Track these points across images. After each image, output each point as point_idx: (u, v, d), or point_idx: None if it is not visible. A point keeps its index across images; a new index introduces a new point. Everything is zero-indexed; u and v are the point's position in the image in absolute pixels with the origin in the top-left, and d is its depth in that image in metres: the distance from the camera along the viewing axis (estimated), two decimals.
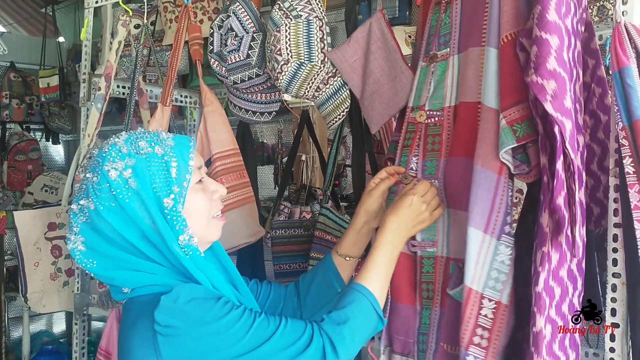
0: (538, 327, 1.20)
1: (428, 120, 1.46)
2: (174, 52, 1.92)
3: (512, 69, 1.26)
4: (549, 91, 1.14)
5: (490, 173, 1.27)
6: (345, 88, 1.69)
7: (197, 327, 1.08)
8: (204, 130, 1.87)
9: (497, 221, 1.28)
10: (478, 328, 1.27)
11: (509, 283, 1.28)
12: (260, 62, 1.75)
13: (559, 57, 1.16)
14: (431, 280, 1.44)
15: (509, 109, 1.25)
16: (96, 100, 2.00)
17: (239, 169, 1.87)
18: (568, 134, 1.14)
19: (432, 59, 1.48)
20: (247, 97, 1.86)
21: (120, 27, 2.06)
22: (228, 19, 1.77)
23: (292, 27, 1.63)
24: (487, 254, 1.28)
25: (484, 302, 1.27)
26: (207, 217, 1.22)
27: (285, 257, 2.35)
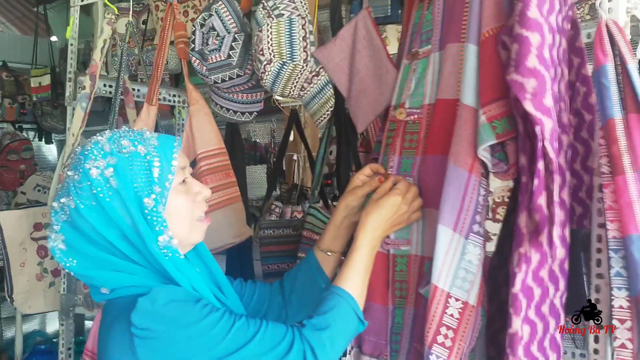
0: (514, 329, 1.19)
1: (408, 118, 1.44)
2: (159, 51, 1.90)
3: (492, 65, 1.24)
4: (529, 89, 1.12)
5: (461, 170, 1.25)
6: (329, 87, 1.68)
7: (174, 330, 1.07)
8: (189, 130, 1.85)
9: (466, 220, 1.25)
10: (442, 327, 1.25)
11: (477, 283, 1.26)
12: (242, 63, 1.74)
13: (539, 54, 1.14)
14: (404, 279, 1.41)
15: (489, 105, 1.22)
16: (81, 99, 1.98)
17: (225, 169, 1.86)
18: (548, 133, 1.13)
19: (414, 56, 1.47)
20: (229, 96, 1.84)
21: (105, 25, 2.04)
22: (210, 18, 1.75)
23: (274, 26, 1.61)
24: (456, 252, 1.25)
25: (450, 301, 1.25)
26: (190, 218, 1.20)
27: (274, 257, 2.34)
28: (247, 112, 1.93)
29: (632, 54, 1.25)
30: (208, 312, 1.09)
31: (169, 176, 1.14)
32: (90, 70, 1.99)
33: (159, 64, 1.91)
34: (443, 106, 1.36)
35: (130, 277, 1.14)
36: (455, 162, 1.26)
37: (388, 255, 1.43)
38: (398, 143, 1.44)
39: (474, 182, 1.26)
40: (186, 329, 1.07)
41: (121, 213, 1.10)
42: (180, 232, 1.18)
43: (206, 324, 1.08)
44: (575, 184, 1.41)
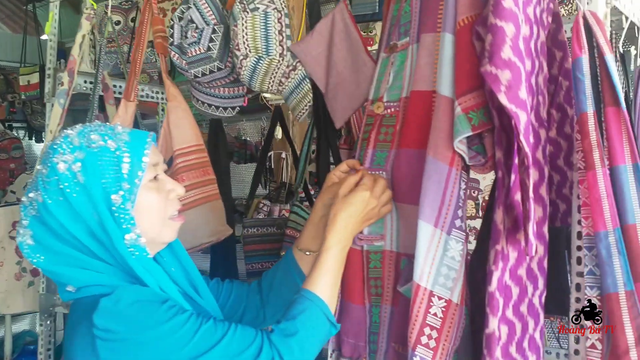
0: (491, 329, 1.15)
1: (385, 112, 1.40)
2: (136, 46, 1.86)
3: (468, 54, 1.20)
4: (503, 82, 1.08)
5: (441, 164, 1.21)
6: (307, 81, 1.64)
7: (137, 332, 1.04)
8: (166, 126, 1.82)
9: (448, 215, 1.22)
10: (426, 327, 1.21)
11: (460, 281, 1.23)
12: (222, 56, 1.70)
13: (514, 46, 1.11)
14: (379, 276, 1.38)
15: (465, 95, 1.19)
16: (59, 96, 1.94)
17: (203, 166, 1.82)
18: (523, 126, 1.09)
19: (392, 49, 1.43)
20: (210, 91, 1.81)
21: (84, 20, 2.00)
22: (188, 10, 1.71)
23: (249, 20, 1.58)
24: (437, 249, 1.22)
25: (433, 300, 1.21)
26: (161, 216, 1.17)
27: (257, 257, 2.31)
28: (229, 107, 1.90)
29: (609, 46, 1.21)
30: (174, 314, 1.06)
31: (139, 172, 1.11)
32: (69, 66, 1.96)
33: (137, 59, 1.87)
34: (418, 98, 1.32)
35: (97, 275, 1.11)
36: (435, 155, 1.23)
37: (362, 252, 1.40)
38: (373, 136, 1.40)
39: (455, 175, 1.22)
40: (149, 331, 1.04)
41: (88, 209, 1.07)
42: (151, 230, 1.15)
43: (171, 327, 1.04)
44: (559, 180, 1.38)
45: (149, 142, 1.15)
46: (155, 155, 1.18)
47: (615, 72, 1.20)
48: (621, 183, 1.20)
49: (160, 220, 1.17)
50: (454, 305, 1.22)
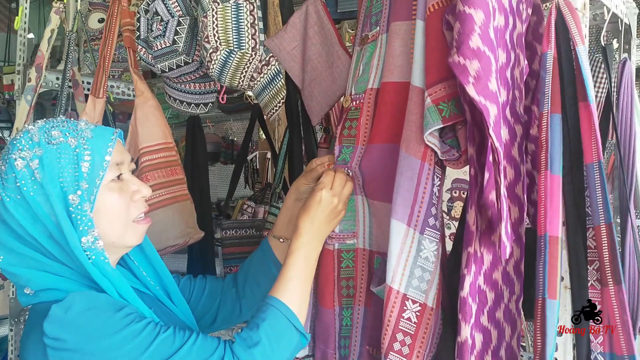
0: (463, 337, 1.08)
1: (351, 104, 1.33)
2: (104, 40, 1.79)
3: (437, 42, 1.13)
4: (472, 72, 1.01)
5: (413, 159, 1.14)
6: (280, 77, 1.57)
7: (88, 341, 0.98)
8: (134, 123, 1.74)
9: (421, 213, 1.14)
10: (399, 333, 1.14)
11: (435, 283, 1.15)
12: (188, 49, 1.63)
13: (483, 34, 1.03)
14: (352, 276, 1.30)
15: (435, 85, 1.11)
16: (26, 92, 1.88)
17: (170, 165, 1.74)
18: (492, 119, 1.02)
19: (363, 40, 1.36)
20: (180, 87, 1.74)
21: (52, 14, 1.94)
22: (154, 2, 1.64)
23: (220, 12, 1.50)
24: (411, 249, 1.14)
25: (407, 304, 1.14)
26: (124, 219, 1.11)
27: (236, 259, 2.24)
28: (201, 104, 1.82)
29: (582, 37, 1.14)
30: (128, 322, 1.00)
31: (100, 172, 1.06)
32: (36, 61, 1.90)
33: (106, 54, 1.80)
34: (391, 90, 1.24)
35: (56, 278, 1.06)
36: (407, 150, 1.16)
37: (334, 251, 1.32)
38: (339, 131, 1.34)
39: (427, 170, 1.15)
40: (101, 340, 0.98)
41: (45, 209, 1.03)
42: (113, 233, 1.10)
43: (125, 336, 0.99)
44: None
45: (113, 139, 1.10)
46: (121, 153, 1.12)
47: (586, 64, 1.14)
48: (590, 182, 1.15)
49: (123, 223, 1.11)
50: (428, 309, 1.15)
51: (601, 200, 1.16)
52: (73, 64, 1.97)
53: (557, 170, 1.14)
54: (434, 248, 1.16)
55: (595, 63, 1.55)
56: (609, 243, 1.17)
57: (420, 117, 1.14)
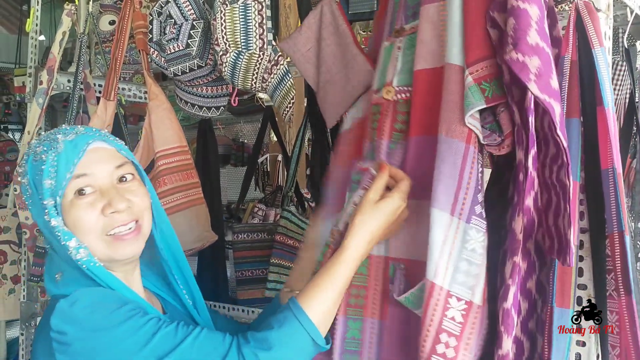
0: (505, 350, 1.01)
1: (397, 97, 1.22)
2: (116, 42, 1.78)
3: (479, 17, 1.07)
4: (532, 69, 0.96)
5: (456, 142, 1.05)
6: (289, 76, 1.55)
7: (89, 334, 0.99)
8: (148, 127, 1.73)
9: (467, 200, 1.05)
10: (443, 334, 1.03)
11: (482, 278, 1.05)
12: (202, 53, 1.61)
13: (540, 29, 0.99)
14: (364, 285, 1.20)
15: (477, 64, 1.05)
16: (37, 95, 1.87)
17: (186, 169, 1.73)
18: (558, 118, 0.97)
19: (399, 32, 1.27)
20: (192, 90, 1.72)
21: (64, 16, 1.93)
22: (167, 5, 1.63)
23: (228, 13, 1.49)
24: (455, 241, 1.05)
25: (450, 302, 1.03)
26: (94, 234, 1.06)
27: (247, 263, 2.22)
28: (213, 107, 1.80)
29: (600, 38, 1.12)
30: (131, 316, 1.01)
31: (60, 190, 1.04)
32: (48, 64, 1.88)
33: (117, 56, 1.78)
34: (425, 77, 1.16)
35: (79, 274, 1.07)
36: (448, 133, 1.07)
37: None
38: (387, 125, 1.23)
39: (473, 153, 1.06)
40: (102, 333, 0.99)
41: (39, 222, 1.08)
42: (93, 247, 1.06)
43: (126, 329, 0.99)
44: None
45: (83, 150, 1.05)
46: (93, 165, 1.07)
47: (603, 68, 1.11)
48: (604, 188, 1.11)
49: (96, 237, 1.06)
50: (475, 307, 1.05)
51: (614, 208, 1.12)
52: (85, 66, 1.95)
53: (574, 176, 1.10)
54: (482, 239, 1.05)
55: (617, 65, 1.52)
56: (621, 251, 1.13)
57: (460, 96, 1.07)
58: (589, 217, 1.14)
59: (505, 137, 1.08)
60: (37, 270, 1.81)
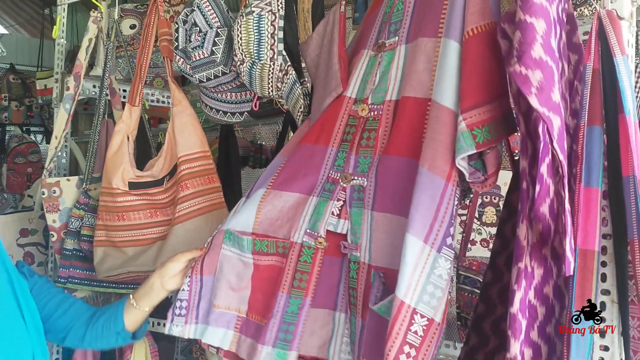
0: (512, 353, 1.06)
1: (369, 114, 1.34)
2: (141, 49, 1.82)
3: (477, 66, 1.14)
4: (534, 83, 1.00)
5: (437, 178, 1.15)
6: (297, 86, 1.58)
7: None
8: (171, 132, 1.76)
9: (440, 232, 1.15)
10: (406, 345, 1.14)
11: (444, 300, 1.17)
12: (226, 60, 1.64)
13: (545, 44, 1.02)
14: (354, 287, 1.33)
15: (470, 110, 1.12)
16: (64, 101, 1.91)
17: (208, 173, 1.76)
18: (556, 132, 1.00)
19: (380, 47, 1.36)
20: (217, 96, 1.75)
21: (90, 23, 1.97)
22: (192, 14, 1.66)
23: (244, 24, 1.53)
24: (425, 266, 1.15)
25: (415, 318, 1.15)
26: None
27: None
28: (237, 113, 1.83)
29: (622, 47, 1.13)
30: None
31: None
32: (75, 70, 1.92)
33: (142, 63, 1.82)
34: (412, 105, 1.25)
35: None
36: (431, 169, 1.17)
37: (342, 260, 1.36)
38: (356, 140, 1.35)
39: (451, 191, 1.16)
40: None
41: None
42: None
43: None
44: None
45: None
46: None
47: (624, 76, 1.13)
48: (625, 195, 1.12)
49: None
50: (435, 324, 1.16)
51: (635, 214, 1.14)
52: (111, 72, 1.99)
53: (595, 183, 1.12)
54: (448, 266, 1.17)
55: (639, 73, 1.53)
56: None
57: (448, 137, 1.15)
58: (611, 223, 1.16)
59: (488, 176, 1.17)
60: (64, 272, 1.85)
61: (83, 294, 1.93)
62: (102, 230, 1.77)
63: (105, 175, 1.77)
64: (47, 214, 1.88)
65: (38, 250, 2.17)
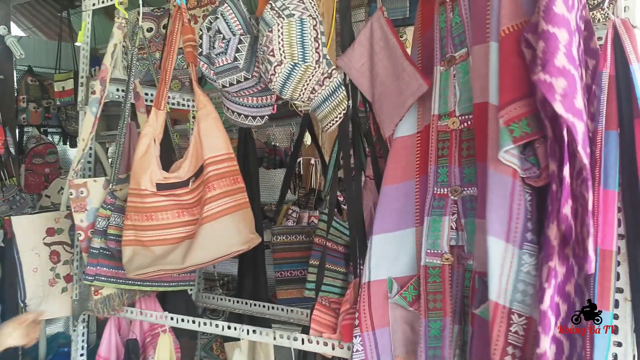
0: (542, 349, 1.10)
1: (461, 126, 1.39)
2: (167, 55, 1.87)
3: (510, 64, 1.18)
4: (558, 90, 1.05)
5: (503, 177, 1.19)
6: (342, 89, 1.63)
7: None
8: (197, 135, 1.82)
9: (517, 228, 1.18)
10: (509, 347, 1.17)
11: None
12: (248, 66, 1.69)
13: (568, 52, 1.08)
14: (439, 290, 1.38)
15: (507, 107, 1.17)
16: (91, 104, 1.97)
17: (233, 174, 1.82)
18: (580, 136, 1.05)
19: (450, 61, 1.43)
20: (239, 100, 1.81)
21: (115, 29, 2.03)
22: (216, 21, 1.72)
23: (285, 26, 1.56)
24: (512, 264, 1.18)
25: (513, 318, 1.18)
26: None
27: (287, 264, 2.30)
28: (258, 117, 1.89)
29: (638, 56, 1.17)
30: None
31: None
32: (100, 74, 1.98)
33: (167, 68, 1.88)
34: (479, 110, 1.30)
35: None
36: (496, 168, 1.20)
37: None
38: (456, 153, 1.39)
39: (519, 187, 1.19)
40: None
41: None
42: None
43: None
44: None
45: None
46: None
47: (639, 82, 1.17)
48: None
49: None
50: (535, 321, 1.17)
51: None
52: (135, 76, 2.05)
53: (612, 186, 1.17)
54: (534, 262, 1.18)
55: None
56: None
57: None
58: (625, 224, 1.20)
59: (542, 170, 1.19)
60: (92, 270, 1.91)
61: (109, 291, 1.99)
62: (130, 230, 1.83)
63: (133, 177, 1.83)
64: (74, 214, 1.94)
65: (64, 249, 2.24)
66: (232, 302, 2.39)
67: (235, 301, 2.38)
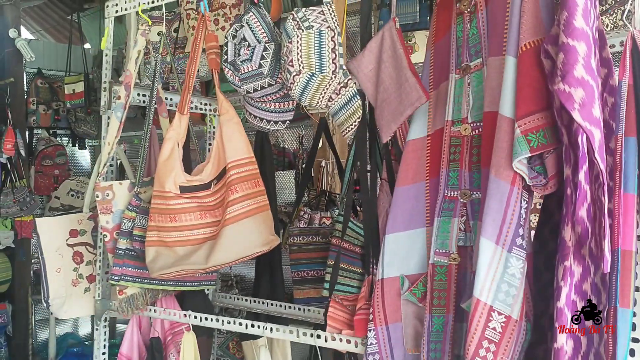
0: (559, 344, 1.18)
1: (473, 133, 1.46)
2: (190, 61, 1.93)
3: (530, 78, 1.24)
4: (577, 100, 1.12)
5: (502, 183, 1.26)
6: (357, 98, 1.69)
7: None
8: (219, 139, 1.88)
9: (509, 233, 1.26)
10: (485, 340, 1.26)
11: (520, 297, 1.27)
12: (273, 72, 1.76)
13: (586, 64, 1.14)
14: (444, 288, 1.45)
15: (525, 118, 1.23)
16: (116, 109, 2.02)
17: (254, 178, 1.88)
18: (597, 143, 1.12)
19: (465, 70, 1.49)
20: (262, 105, 1.87)
21: (139, 36, 2.08)
22: (241, 29, 1.78)
23: (304, 38, 1.63)
24: (498, 266, 1.26)
25: (493, 315, 1.26)
26: None
27: (303, 265, 2.36)
28: (280, 121, 1.95)
29: None
30: None
31: None
32: (125, 80, 2.03)
33: (191, 74, 1.94)
34: (489, 119, 1.37)
35: None
36: (497, 175, 1.28)
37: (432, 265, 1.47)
38: (467, 158, 1.46)
39: (516, 194, 1.26)
40: None
41: None
42: None
43: None
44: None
45: None
46: None
47: None
48: None
49: None
50: (513, 321, 1.26)
51: None
52: (158, 82, 2.11)
53: (631, 189, 1.23)
54: (520, 265, 1.27)
55: None
56: None
57: (509, 144, 1.26)
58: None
59: (549, 178, 1.27)
60: (118, 270, 1.97)
61: (133, 290, 2.04)
62: (154, 231, 1.88)
63: (157, 180, 1.89)
64: (100, 216, 1.99)
65: (87, 250, 2.29)
66: (249, 301, 2.45)
67: (253, 301, 2.44)
